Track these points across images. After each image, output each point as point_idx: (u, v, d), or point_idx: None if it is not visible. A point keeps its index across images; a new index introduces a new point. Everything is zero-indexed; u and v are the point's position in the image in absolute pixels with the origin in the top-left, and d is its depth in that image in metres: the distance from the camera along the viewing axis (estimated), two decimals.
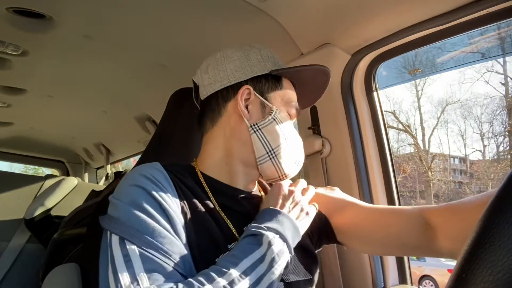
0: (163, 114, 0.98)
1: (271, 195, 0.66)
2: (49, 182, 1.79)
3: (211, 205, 0.63)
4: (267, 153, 0.66)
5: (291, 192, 0.65)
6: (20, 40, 1.20)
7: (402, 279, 1.03)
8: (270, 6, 0.90)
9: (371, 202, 1.03)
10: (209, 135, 0.70)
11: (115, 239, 0.53)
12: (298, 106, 0.73)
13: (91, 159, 3.02)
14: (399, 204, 1.04)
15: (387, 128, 1.06)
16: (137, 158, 2.68)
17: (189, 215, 0.59)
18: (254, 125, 0.66)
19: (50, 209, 1.62)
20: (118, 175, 1.51)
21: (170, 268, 0.52)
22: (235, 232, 0.62)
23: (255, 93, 0.67)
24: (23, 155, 3.04)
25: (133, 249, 0.51)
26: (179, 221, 0.57)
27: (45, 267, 1.27)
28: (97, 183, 3.04)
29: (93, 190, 1.72)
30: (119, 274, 0.49)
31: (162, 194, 0.57)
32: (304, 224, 0.64)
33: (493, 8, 0.72)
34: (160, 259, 0.51)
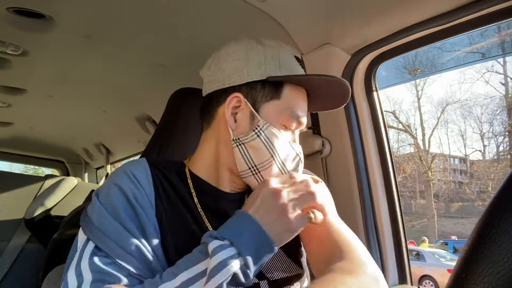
0: (163, 114, 0.98)
1: (253, 194, 0.57)
2: (49, 182, 1.79)
3: (193, 205, 0.62)
4: (249, 168, 0.61)
5: (276, 193, 0.53)
6: (20, 40, 1.20)
7: (402, 279, 1.03)
8: (270, 6, 0.90)
9: (371, 202, 1.03)
10: (204, 136, 0.69)
11: (82, 238, 0.55)
12: (305, 115, 0.66)
13: (91, 159, 3.02)
14: (399, 205, 1.04)
15: (387, 128, 1.06)
16: (137, 158, 2.67)
17: (167, 214, 0.59)
18: (236, 139, 0.62)
19: (50, 209, 1.62)
20: None
21: (123, 278, 0.52)
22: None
23: (246, 101, 0.62)
24: (23, 155, 3.04)
25: (90, 248, 0.53)
26: (152, 225, 0.57)
27: (45, 267, 1.27)
28: (97, 183, 3.04)
29: (93, 190, 1.72)
30: (68, 277, 0.52)
31: (138, 195, 0.58)
32: (281, 234, 0.52)
33: (493, 8, 0.72)
34: (118, 266, 0.52)
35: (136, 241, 0.54)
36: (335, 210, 0.70)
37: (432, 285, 7.78)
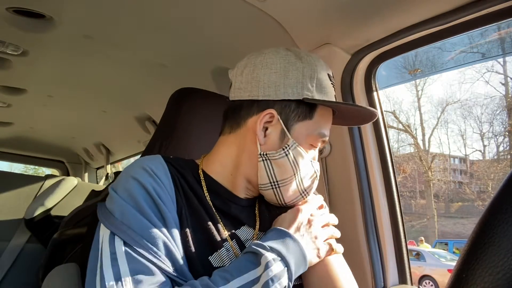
0: (163, 114, 0.98)
1: (288, 215, 0.62)
2: (49, 182, 1.79)
3: (207, 204, 0.63)
4: (271, 183, 0.63)
5: (309, 221, 0.61)
6: (20, 40, 1.20)
7: (402, 279, 1.03)
8: (270, 6, 0.90)
9: (371, 202, 1.03)
10: (224, 139, 0.68)
11: (106, 233, 0.53)
12: (328, 135, 0.67)
13: (91, 159, 3.02)
14: (399, 205, 1.04)
15: (387, 128, 1.06)
16: (137, 158, 2.68)
17: (185, 211, 0.59)
18: (264, 154, 0.62)
19: (50, 209, 1.62)
20: (118, 175, 1.51)
21: (155, 270, 0.51)
22: (227, 235, 0.61)
23: (279, 118, 0.61)
24: (23, 155, 3.04)
25: (121, 246, 0.51)
26: (173, 219, 0.56)
27: (45, 267, 1.27)
28: (97, 183, 3.04)
29: (93, 190, 1.72)
30: (105, 272, 0.49)
31: (158, 189, 0.57)
32: (312, 257, 0.59)
33: (493, 8, 0.72)
34: (147, 259, 0.51)
35: (162, 236, 0.53)
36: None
37: (432, 285, 7.78)
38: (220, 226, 0.61)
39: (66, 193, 1.74)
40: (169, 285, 0.51)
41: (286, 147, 0.61)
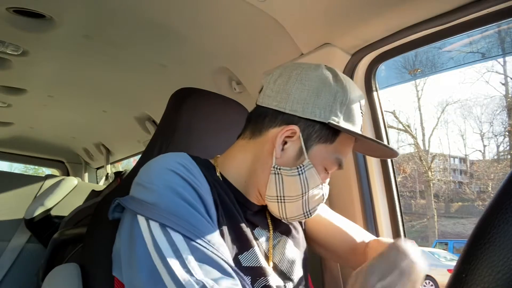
0: (163, 114, 0.98)
1: (383, 261, 0.54)
2: (49, 182, 1.79)
3: (235, 203, 0.63)
4: (277, 197, 0.63)
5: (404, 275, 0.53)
6: (20, 40, 1.20)
7: None
8: (270, 6, 0.90)
9: (371, 202, 1.03)
10: (243, 143, 0.67)
11: (154, 226, 0.50)
12: (345, 160, 0.66)
13: (91, 159, 3.02)
14: (399, 205, 1.04)
15: (387, 128, 1.06)
16: (137, 158, 2.68)
17: (219, 208, 0.59)
18: (277, 167, 0.62)
19: (50, 209, 1.62)
20: (118, 175, 1.52)
21: (219, 260, 0.49)
22: (251, 236, 0.63)
23: (301, 136, 0.61)
24: (23, 155, 3.04)
25: (179, 238, 0.49)
26: (214, 215, 0.56)
27: (45, 267, 1.27)
28: (97, 183, 3.04)
29: (93, 190, 1.72)
30: (170, 263, 0.47)
31: (199, 184, 0.56)
32: None
33: (493, 8, 0.72)
34: (208, 250, 0.49)
35: (213, 229, 0.52)
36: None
37: (432, 285, 7.78)
38: (247, 226, 0.62)
39: (66, 193, 1.74)
40: (234, 275, 0.50)
41: (300, 167, 0.61)
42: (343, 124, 0.61)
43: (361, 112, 0.66)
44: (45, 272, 0.99)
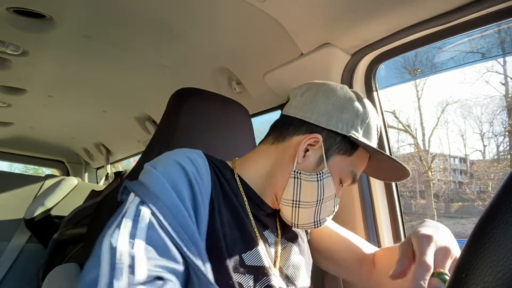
0: (163, 114, 0.98)
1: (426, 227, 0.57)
2: (49, 182, 1.79)
3: (244, 205, 0.65)
4: (293, 201, 0.65)
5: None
6: (20, 40, 1.20)
7: None
8: (270, 6, 0.90)
9: (371, 202, 1.03)
10: (265, 148, 0.70)
11: (135, 201, 0.52)
12: (358, 176, 0.70)
13: (91, 159, 3.02)
14: (399, 205, 1.04)
15: (387, 128, 1.06)
16: (137, 158, 2.68)
17: (221, 207, 0.60)
18: (298, 172, 0.65)
19: (50, 209, 1.62)
20: (118, 175, 1.52)
21: (172, 250, 0.49)
22: (258, 236, 0.64)
23: (323, 145, 0.65)
24: (23, 155, 3.04)
25: (147, 213, 0.50)
26: (204, 211, 0.57)
27: (45, 267, 1.27)
28: (97, 183, 3.04)
29: (93, 190, 1.72)
30: (122, 228, 0.48)
31: (199, 180, 0.57)
32: None
33: (493, 8, 0.72)
34: (167, 235, 0.49)
35: (189, 219, 0.53)
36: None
37: None
38: (253, 227, 0.64)
39: (66, 193, 1.74)
40: (181, 267, 0.49)
41: (320, 174, 0.64)
42: (362, 139, 0.65)
43: (377, 134, 0.71)
44: (45, 272, 0.99)
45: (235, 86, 1.31)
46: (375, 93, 1.05)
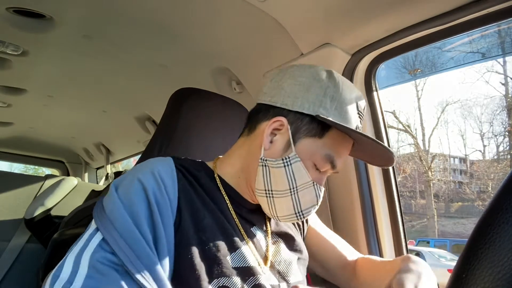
0: (163, 114, 0.98)
1: (407, 272, 0.58)
2: (49, 182, 1.78)
3: (225, 205, 0.63)
4: (265, 190, 0.62)
5: None
6: (20, 40, 1.20)
7: None
8: (270, 6, 0.90)
9: (371, 202, 1.03)
10: (241, 141, 0.69)
11: (93, 227, 0.54)
12: (342, 160, 0.64)
13: (91, 159, 3.02)
14: (399, 205, 1.04)
15: (387, 128, 1.06)
16: (137, 158, 2.68)
17: (199, 212, 0.59)
18: (264, 159, 0.62)
19: (50, 209, 1.62)
20: (118, 175, 1.51)
21: (113, 274, 0.49)
22: (244, 235, 0.63)
23: (289, 128, 0.61)
24: (23, 155, 3.04)
25: (98, 239, 0.52)
26: (167, 228, 0.55)
27: (45, 267, 1.27)
28: (97, 183, 3.04)
29: (93, 190, 1.72)
30: (69, 253, 0.52)
31: (159, 197, 0.56)
32: None
33: (493, 8, 0.72)
34: (112, 262, 0.50)
35: (145, 244, 0.52)
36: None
37: None
38: (237, 227, 0.63)
39: (66, 193, 1.74)
40: None
41: (286, 158, 0.60)
42: (332, 118, 0.60)
43: (359, 114, 0.65)
44: (45, 272, 0.99)
45: (235, 86, 1.31)
46: (375, 93, 1.05)
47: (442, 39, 0.85)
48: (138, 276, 0.49)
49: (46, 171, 3.43)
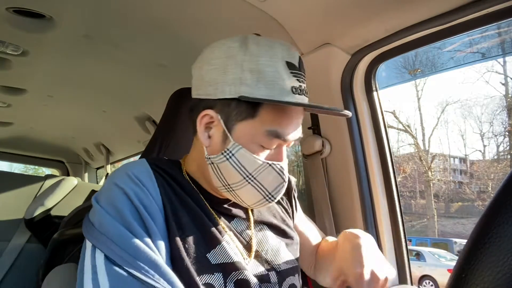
0: (163, 114, 0.98)
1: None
2: (49, 182, 1.79)
3: (201, 202, 0.62)
4: (224, 186, 0.60)
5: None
6: (20, 40, 1.20)
7: (402, 279, 1.03)
8: (270, 6, 0.90)
9: (371, 202, 1.03)
10: (194, 141, 0.67)
11: (88, 246, 0.52)
12: (291, 132, 0.59)
13: (91, 159, 3.02)
14: (399, 205, 1.04)
15: (387, 128, 1.06)
16: (137, 158, 2.68)
17: (178, 213, 0.58)
18: (208, 157, 0.59)
19: (50, 209, 1.62)
20: None
21: (137, 284, 0.48)
22: (224, 229, 0.62)
23: (220, 118, 0.57)
24: (23, 155, 3.04)
25: (101, 259, 0.50)
26: (159, 226, 0.55)
27: (45, 267, 1.27)
28: (97, 183, 3.04)
29: (93, 190, 1.72)
30: (84, 282, 0.48)
31: (143, 196, 0.55)
32: None
33: (493, 8, 0.72)
34: (128, 273, 0.49)
35: (144, 246, 0.51)
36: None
37: (432, 285, 7.78)
38: (216, 221, 0.61)
39: (66, 193, 1.74)
40: None
41: (226, 151, 0.57)
42: (258, 92, 0.55)
43: (293, 73, 0.57)
44: (45, 272, 0.99)
45: None
46: (375, 93, 1.05)
47: (442, 39, 0.85)
48: (150, 281, 0.49)
49: (46, 171, 3.44)
